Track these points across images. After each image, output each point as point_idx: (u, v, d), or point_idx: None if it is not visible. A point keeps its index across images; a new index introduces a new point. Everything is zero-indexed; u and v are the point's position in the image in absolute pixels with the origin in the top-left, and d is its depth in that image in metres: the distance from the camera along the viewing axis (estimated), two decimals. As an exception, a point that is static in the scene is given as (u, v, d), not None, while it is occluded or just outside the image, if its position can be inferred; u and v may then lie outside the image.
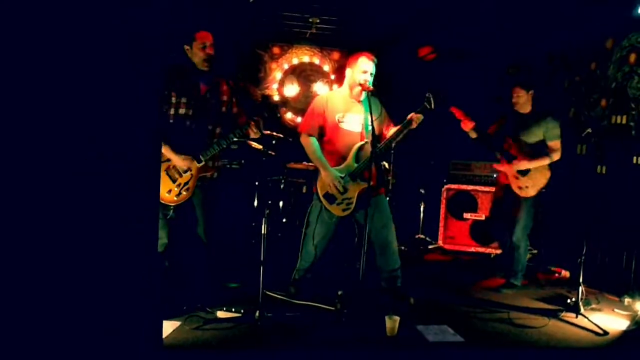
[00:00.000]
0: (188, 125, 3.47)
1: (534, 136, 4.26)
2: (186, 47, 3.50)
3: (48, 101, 1.86)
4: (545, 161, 4.20)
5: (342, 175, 3.65)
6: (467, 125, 4.19)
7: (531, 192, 4.23)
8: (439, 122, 4.60)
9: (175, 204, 3.46)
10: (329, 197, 3.70)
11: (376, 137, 3.58)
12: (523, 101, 4.28)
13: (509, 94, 4.38)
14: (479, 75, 6.27)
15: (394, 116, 3.92)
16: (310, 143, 3.72)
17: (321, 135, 3.77)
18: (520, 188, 4.25)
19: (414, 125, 3.65)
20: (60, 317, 1.93)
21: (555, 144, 4.23)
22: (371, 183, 3.44)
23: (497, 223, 4.59)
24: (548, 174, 4.22)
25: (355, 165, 3.67)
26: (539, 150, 4.25)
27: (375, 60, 3.71)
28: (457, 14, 5.42)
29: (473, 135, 4.26)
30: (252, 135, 3.60)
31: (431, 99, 3.60)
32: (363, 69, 3.64)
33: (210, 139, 3.52)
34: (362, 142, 3.70)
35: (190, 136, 3.46)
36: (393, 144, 3.72)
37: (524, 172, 4.24)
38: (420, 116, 3.63)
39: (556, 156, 4.22)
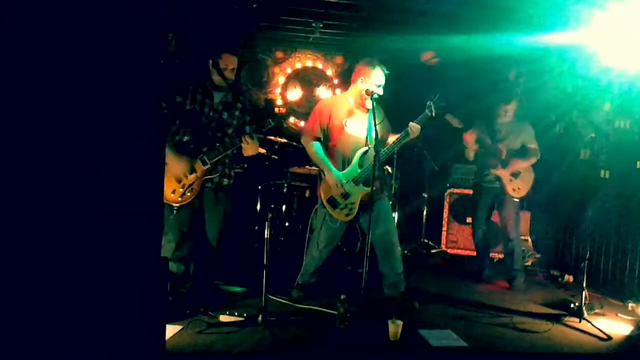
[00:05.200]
0: (200, 132, 3.52)
1: (518, 141, 4.59)
2: (210, 61, 3.54)
3: (50, 102, 1.88)
4: (533, 160, 4.57)
5: (346, 182, 3.66)
6: (470, 137, 4.61)
7: (523, 192, 4.56)
8: (441, 126, 4.60)
9: (179, 205, 3.48)
10: (333, 202, 3.71)
11: (379, 143, 3.60)
12: (513, 113, 4.60)
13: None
14: (479, 80, 6.26)
15: (397, 121, 3.92)
16: (313, 145, 3.73)
17: (326, 139, 3.78)
18: (514, 190, 4.54)
19: (412, 136, 3.66)
20: (63, 321, 1.93)
21: (535, 145, 4.59)
22: (374, 188, 3.45)
23: (480, 228, 4.78)
24: (533, 175, 4.59)
25: (359, 170, 3.68)
26: (522, 153, 4.59)
27: (387, 72, 3.72)
28: (458, 17, 5.42)
29: (472, 154, 4.72)
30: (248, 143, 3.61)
31: (432, 107, 3.63)
32: (378, 82, 3.67)
33: (218, 145, 3.57)
34: (366, 148, 3.70)
35: (200, 143, 3.51)
36: (395, 150, 3.73)
37: (516, 175, 4.54)
38: (418, 127, 3.65)
39: (538, 155, 4.57)
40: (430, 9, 4.97)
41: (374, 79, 3.66)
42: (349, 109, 3.75)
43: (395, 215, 5.60)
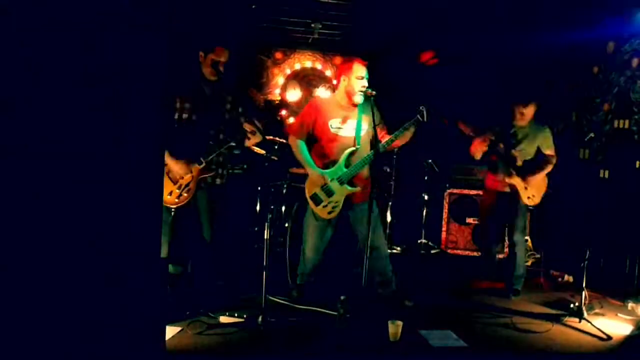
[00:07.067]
0: (191, 129, 3.50)
1: (534, 145, 4.36)
2: (201, 53, 3.52)
3: (49, 103, 1.87)
4: (549, 168, 4.34)
5: (331, 179, 3.67)
6: (480, 145, 4.25)
7: (537, 199, 4.33)
8: (441, 127, 4.60)
9: (177, 206, 3.47)
10: (315, 199, 3.72)
11: (375, 142, 3.60)
12: (531, 117, 4.32)
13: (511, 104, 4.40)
14: (481, 80, 6.28)
15: (395, 121, 3.91)
16: (297, 144, 3.77)
17: (314, 140, 3.80)
18: (528, 198, 4.31)
19: (404, 140, 3.69)
20: (63, 321, 1.93)
21: (551, 151, 4.38)
22: (359, 188, 3.45)
23: (489, 230, 4.64)
24: (546, 181, 4.35)
25: (344, 170, 3.69)
26: (537, 161, 4.37)
27: (367, 65, 3.73)
28: (459, 18, 5.44)
29: (478, 156, 4.35)
30: (253, 140, 3.61)
31: (424, 112, 3.61)
32: (359, 74, 3.66)
33: (212, 143, 3.55)
34: (353, 148, 3.70)
35: (192, 140, 3.49)
36: (383, 150, 3.72)
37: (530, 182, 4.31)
38: (412, 129, 3.65)
39: (553, 162, 4.37)
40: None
41: (355, 72, 3.67)
42: (338, 111, 3.76)
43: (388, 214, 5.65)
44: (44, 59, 1.84)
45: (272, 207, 5.39)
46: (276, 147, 5.33)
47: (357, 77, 3.66)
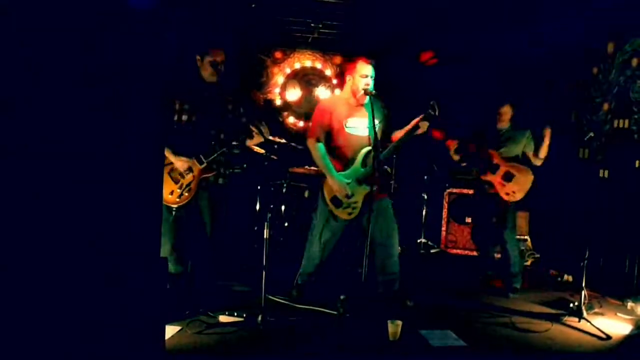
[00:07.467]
0: (191, 130, 3.51)
1: (516, 148, 4.41)
2: (197, 57, 3.53)
3: (49, 103, 1.87)
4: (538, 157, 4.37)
5: (349, 182, 3.67)
6: (452, 144, 4.46)
7: (518, 196, 4.31)
8: (441, 127, 4.60)
9: (178, 205, 3.48)
10: (336, 201, 3.71)
11: (379, 142, 3.61)
12: (509, 117, 4.43)
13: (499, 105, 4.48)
14: (480, 80, 6.28)
15: (396, 121, 3.92)
16: (317, 149, 3.73)
17: (328, 140, 3.78)
18: (507, 194, 4.31)
19: (421, 131, 3.67)
20: (63, 321, 1.93)
21: (540, 155, 4.38)
22: (375, 187, 3.46)
23: (483, 230, 4.69)
24: (532, 178, 4.31)
25: (362, 170, 3.69)
26: (520, 160, 4.43)
27: (373, 63, 3.73)
28: (459, 18, 5.44)
29: (456, 157, 4.51)
30: (254, 140, 3.62)
31: (436, 106, 3.62)
32: (363, 73, 3.66)
33: (214, 143, 3.56)
34: (369, 148, 3.70)
35: (193, 142, 3.50)
36: (400, 147, 3.74)
37: (509, 178, 4.31)
38: (426, 122, 3.66)
39: (536, 162, 4.41)
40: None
41: (359, 71, 3.67)
42: (348, 110, 3.76)
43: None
44: (44, 59, 1.84)
45: (271, 206, 5.39)
46: (276, 147, 5.33)
47: (361, 76, 3.66)
